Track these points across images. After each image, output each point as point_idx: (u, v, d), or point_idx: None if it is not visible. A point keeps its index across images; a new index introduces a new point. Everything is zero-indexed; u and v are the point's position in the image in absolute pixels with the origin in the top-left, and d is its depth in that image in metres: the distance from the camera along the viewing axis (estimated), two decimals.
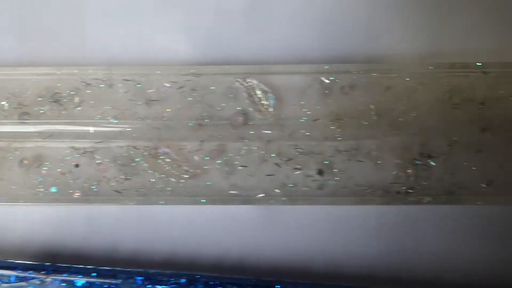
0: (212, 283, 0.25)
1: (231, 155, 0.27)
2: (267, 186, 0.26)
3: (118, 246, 0.28)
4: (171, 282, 0.25)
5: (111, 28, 0.28)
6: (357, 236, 0.26)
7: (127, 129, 0.27)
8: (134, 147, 0.27)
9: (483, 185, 0.25)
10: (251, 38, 0.28)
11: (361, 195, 0.26)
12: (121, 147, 0.27)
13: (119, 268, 0.26)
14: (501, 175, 0.25)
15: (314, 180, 0.26)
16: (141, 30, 0.28)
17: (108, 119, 0.27)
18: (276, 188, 0.26)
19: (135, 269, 0.26)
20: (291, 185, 0.26)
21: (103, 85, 0.27)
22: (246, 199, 0.26)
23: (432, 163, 0.26)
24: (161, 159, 0.27)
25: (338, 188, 0.26)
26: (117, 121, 0.27)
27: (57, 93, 0.27)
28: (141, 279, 0.25)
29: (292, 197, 0.26)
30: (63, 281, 0.26)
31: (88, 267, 0.26)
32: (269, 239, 0.27)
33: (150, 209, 0.27)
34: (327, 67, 0.27)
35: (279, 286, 0.25)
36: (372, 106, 0.26)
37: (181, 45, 0.28)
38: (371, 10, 0.27)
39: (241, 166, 0.26)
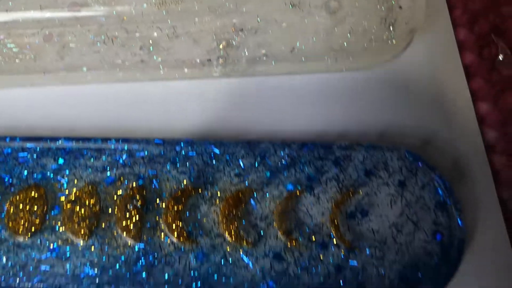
0: None
1: (65, 37, 0.29)
2: (97, 64, 0.28)
3: None
4: None
5: None
6: (178, 108, 0.28)
7: None
8: None
9: (288, 52, 0.27)
10: None
11: (179, 68, 0.28)
12: None
13: None
14: (305, 42, 0.27)
15: (135, 55, 0.28)
16: None
17: None
18: (105, 65, 0.28)
19: None
20: (119, 61, 0.28)
21: None
22: (75, 77, 0.28)
23: (243, 36, 0.28)
24: None
25: (161, 63, 0.28)
26: None
27: None
28: None
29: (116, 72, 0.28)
30: None
31: None
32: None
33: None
34: None
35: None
36: None
37: None
38: None
39: (74, 45, 0.28)
